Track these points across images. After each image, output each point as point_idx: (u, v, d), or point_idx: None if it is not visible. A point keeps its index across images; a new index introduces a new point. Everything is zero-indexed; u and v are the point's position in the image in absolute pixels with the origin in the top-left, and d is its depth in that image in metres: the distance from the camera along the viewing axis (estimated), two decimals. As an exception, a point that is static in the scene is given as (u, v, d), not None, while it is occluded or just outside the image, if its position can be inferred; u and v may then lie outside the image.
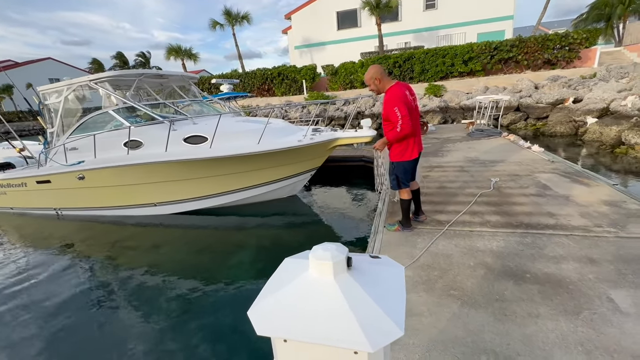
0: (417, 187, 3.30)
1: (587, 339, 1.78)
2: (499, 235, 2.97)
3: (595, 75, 12.69)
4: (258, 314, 0.73)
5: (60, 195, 6.27)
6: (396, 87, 2.82)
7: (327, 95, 16.97)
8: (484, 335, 1.87)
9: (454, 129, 9.53)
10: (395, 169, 3.05)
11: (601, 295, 2.10)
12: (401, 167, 3.02)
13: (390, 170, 3.14)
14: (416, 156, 3.01)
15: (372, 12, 18.55)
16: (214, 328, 3.07)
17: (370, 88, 2.92)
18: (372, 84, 2.88)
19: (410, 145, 2.94)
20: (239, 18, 24.01)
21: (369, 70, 2.88)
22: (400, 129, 2.76)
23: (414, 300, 2.21)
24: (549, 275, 2.34)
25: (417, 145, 2.99)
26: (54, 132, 6.38)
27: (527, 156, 5.66)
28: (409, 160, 2.99)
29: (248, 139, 4.96)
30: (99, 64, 31.31)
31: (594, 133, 8.56)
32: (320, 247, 0.77)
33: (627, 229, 2.87)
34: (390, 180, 3.19)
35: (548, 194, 3.83)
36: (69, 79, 6.07)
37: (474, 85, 14.60)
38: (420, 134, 3.09)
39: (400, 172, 3.03)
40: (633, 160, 6.79)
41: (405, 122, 2.74)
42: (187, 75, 7.24)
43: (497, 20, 19.80)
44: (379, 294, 0.72)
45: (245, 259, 4.41)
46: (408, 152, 2.96)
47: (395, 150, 3.00)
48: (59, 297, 3.87)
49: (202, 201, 5.70)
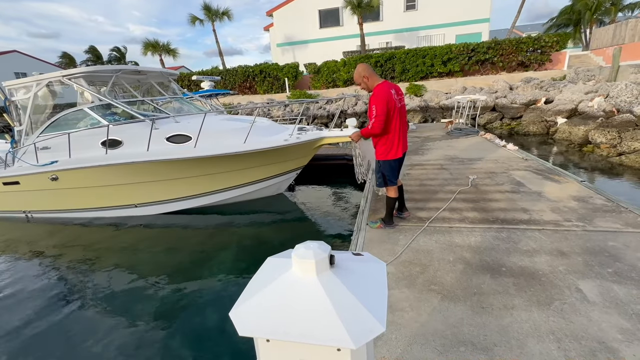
0: (400, 184, 3.37)
1: (557, 327, 1.87)
2: (477, 231, 3.08)
3: (565, 77, 13.35)
4: (240, 314, 0.72)
5: (31, 197, 5.92)
6: (382, 85, 2.86)
7: (310, 94, 16.93)
8: (462, 328, 1.93)
9: (433, 128, 9.76)
10: (381, 167, 3.11)
11: (570, 286, 2.21)
12: (387, 165, 3.08)
13: (376, 168, 3.20)
14: (400, 155, 3.06)
15: (354, 11, 18.66)
16: (196, 329, 3.00)
17: (360, 87, 2.98)
18: (361, 82, 2.93)
19: (394, 144, 3.00)
20: (219, 14, 23.50)
21: (357, 69, 2.93)
22: (371, 127, 2.88)
23: (396, 296, 2.25)
24: (523, 268, 2.45)
25: (401, 144, 3.05)
26: (22, 131, 5.99)
27: (502, 154, 5.88)
28: (394, 159, 3.05)
29: (233, 138, 4.88)
30: (70, 59, 29.78)
31: (563, 132, 9.00)
32: (302, 246, 0.77)
33: (594, 222, 3.05)
34: (376, 178, 3.24)
35: (522, 191, 4.00)
36: (39, 74, 5.74)
37: (452, 86, 15.00)
38: (406, 133, 3.15)
39: (387, 170, 3.09)
40: (599, 158, 7.20)
41: (377, 121, 2.82)
42: (166, 71, 7.01)
43: (475, 22, 20.42)
44: (362, 291, 0.72)
45: (228, 259, 4.34)
46: (393, 151, 3.01)
47: (380, 149, 3.06)
48: (29, 305, 3.66)
49: (186, 201, 5.55)
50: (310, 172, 6.99)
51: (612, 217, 3.13)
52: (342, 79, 17.91)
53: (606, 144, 7.42)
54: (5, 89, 6.05)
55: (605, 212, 3.24)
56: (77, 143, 5.22)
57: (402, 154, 3.08)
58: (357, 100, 14.50)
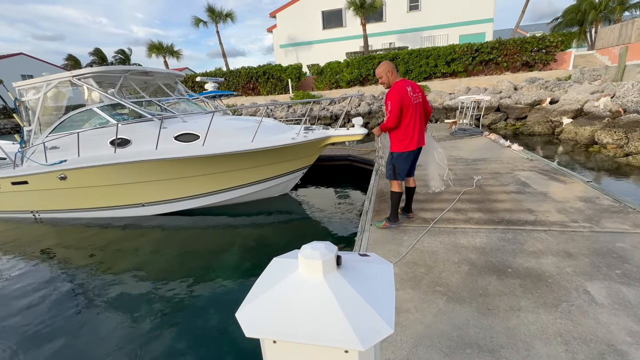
0: (413, 185, 3.39)
1: (565, 330, 1.85)
2: (482, 232, 3.05)
3: (570, 77, 13.24)
4: (246, 315, 0.72)
5: (39, 196, 5.96)
6: (400, 83, 2.98)
7: (313, 95, 16.96)
8: (468, 330, 1.91)
9: (437, 128, 9.71)
10: (393, 159, 3.15)
11: (578, 287, 2.18)
12: (398, 157, 3.11)
13: (388, 159, 3.23)
14: (413, 148, 3.08)
15: (357, 12, 18.68)
16: (201, 330, 3.01)
17: (381, 81, 3.08)
18: (384, 76, 3.03)
19: (408, 137, 3.03)
20: (223, 16, 23.65)
21: (382, 65, 3.04)
22: (386, 121, 3.03)
23: (401, 297, 2.24)
24: (529, 270, 2.42)
25: (416, 138, 3.07)
26: (32, 131, 6.04)
27: (507, 154, 5.84)
28: (406, 152, 3.07)
29: (240, 137, 4.91)
30: (76, 61, 30.15)
31: (569, 133, 8.92)
32: (309, 246, 0.76)
33: (601, 223, 3.01)
34: (386, 170, 3.27)
35: (527, 191, 3.97)
36: (48, 75, 5.80)
37: (456, 86, 14.94)
38: (423, 129, 3.21)
39: (397, 162, 3.12)
40: (605, 158, 7.12)
41: (391, 117, 2.94)
42: (173, 72, 7.06)
43: (478, 22, 20.34)
44: (369, 292, 0.71)
45: (234, 260, 4.35)
46: (406, 143, 3.04)
47: (394, 140, 3.11)
48: (37, 305, 3.69)
49: (193, 200, 5.57)
50: (315, 172, 7.00)
51: (620, 218, 3.09)
52: (345, 79, 17.92)
53: (613, 145, 7.34)
54: (16, 89, 6.11)
55: (612, 213, 3.20)
56: (86, 142, 5.26)
57: (416, 147, 3.10)
58: (360, 102, 14.50)
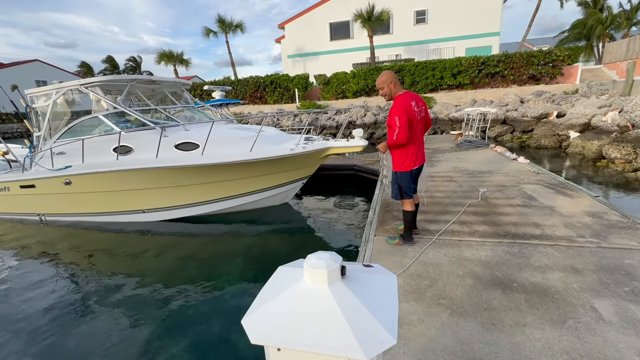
0: (417, 202, 3.32)
1: (572, 347, 1.82)
2: (487, 245, 3.03)
3: (577, 91, 13.21)
4: (252, 322, 0.73)
5: (45, 200, 6.09)
6: (404, 96, 2.84)
7: (320, 105, 17.12)
8: (473, 345, 1.88)
9: (443, 140, 9.72)
10: (398, 178, 3.07)
11: (585, 304, 2.15)
12: (403, 176, 3.04)
13: (393, 179, 3.16)
14: (417, 166, 3.04)
15: (364, 25, 18.98)
16: (203, 338, 3.00)
17: (382, 92, 2.92)
18: (385, 87, 2.87)
19: (410, 155, 2.97)
20: (233, 27, 24.17)
21: (384, 74, 2.86)
22: (396, 137, 2.81)
23: (405, 309, 2.22)
24: (535, 285, 2.39)
25: (419, 155, 3.02)
26: (41, 136, 6.23)
27: (513, 167, 5.81)
28: (410, 171, 3.02)
29: (240, 146, 4.95)
30: (88, 68, 30.89)
31: (576, 147, 8.86)
32: (314, 256, 0.78)
33: (609, 239, 2.97)
34: (392, 190, 3.20)
35: (534, 205, 3.93)
36: (58, 82, 5.98)
37: (462, 98, 14.99)
38: (423, 145, 3.10)
39: (403, 182, 3.05)
40: (614, 173, 7.04)
41: (401, 131, 2.77)
42: (180, 81, 7.21)
43: (485, 36, 20.51)
44: (373, 302, 0.73)
45: (236, 268, 4.35)
46: (408, 162, 2.98)
47: (396, 159, 3.04)
48: (40, 306, 3.72)
49: (193, 208, 5.62)
50: (319, 181, 7.01)
51: (628, 234, 3.05)
52: (352, 90, 18.09)
53: (621, 160, 7.26)
54: (27, 96, 6.31)
55: (620, 229, 3.15)
56: (91, 149, 5.38)
57: (419, 165, 3.06)
58: (365, 112, 14.59)
